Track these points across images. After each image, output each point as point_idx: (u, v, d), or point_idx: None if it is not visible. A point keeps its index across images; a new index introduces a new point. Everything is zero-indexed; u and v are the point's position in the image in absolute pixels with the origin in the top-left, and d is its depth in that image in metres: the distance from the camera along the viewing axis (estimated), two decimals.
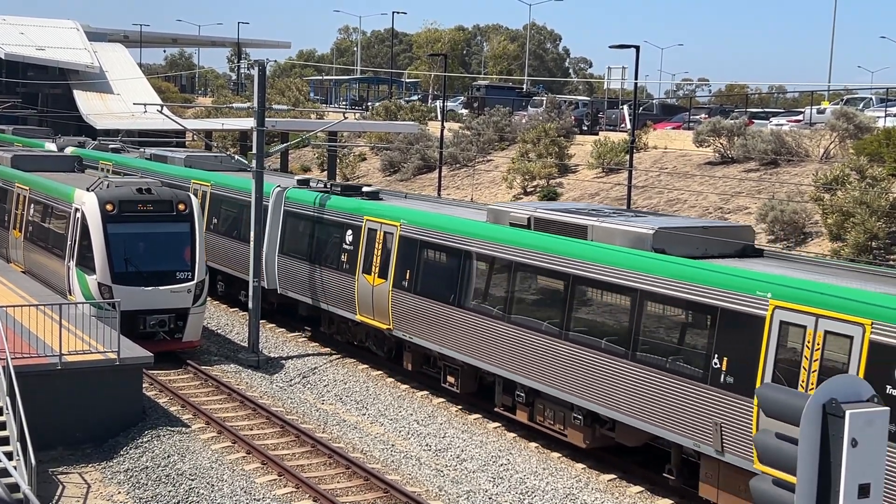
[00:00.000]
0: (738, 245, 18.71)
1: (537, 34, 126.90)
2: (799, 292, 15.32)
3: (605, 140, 47.07)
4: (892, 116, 41.84)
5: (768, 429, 15.17)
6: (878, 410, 7.30)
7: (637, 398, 17.70)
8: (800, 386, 15.09)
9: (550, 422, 20.30)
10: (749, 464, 15.53)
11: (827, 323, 14.80)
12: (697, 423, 16.60)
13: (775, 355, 15.46)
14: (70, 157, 35.98)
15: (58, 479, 18.07)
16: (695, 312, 16.99)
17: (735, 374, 15.98)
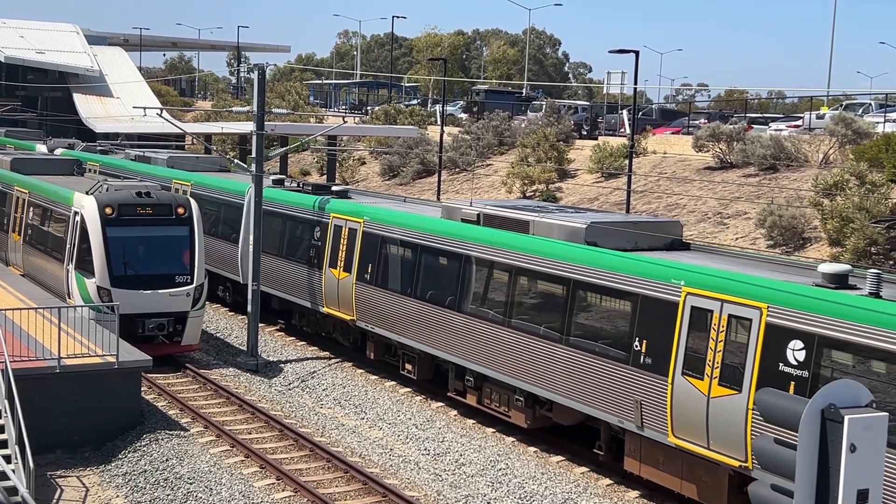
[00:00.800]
0: (668, 239, 19.95)
1: (537, 39, 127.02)
2: (707, 280, 16.73)
3: (605, 145, 47.09)
4: (892, 122, 41.89)
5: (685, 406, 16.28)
6: (877, 416, 7.31)
7: (571, 380, 19.09)
8: (706, 366, 16.44)
9: (496, 404, 21.60)
10: (664, 437, 17.09)
11: (730, 307, 16.20)
12: (621, 402, 17.97)
13: (687, 337, 16.86)
14: (69, 160, 35.98)
15: (56, 482, 18.06)
16: (620, 300, 18.32)
17: (653, 356, 17.39)
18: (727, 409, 16.04)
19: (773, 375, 15.47)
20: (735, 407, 15.94)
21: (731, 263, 18.00)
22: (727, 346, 16.21)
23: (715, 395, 16.29)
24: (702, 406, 16.48)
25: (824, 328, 14.95)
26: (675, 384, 16.95)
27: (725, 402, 16.09)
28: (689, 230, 36.08)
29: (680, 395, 16.85)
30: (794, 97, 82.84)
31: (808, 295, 15.34)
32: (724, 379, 16.17)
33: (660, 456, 17.65)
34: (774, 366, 15.44)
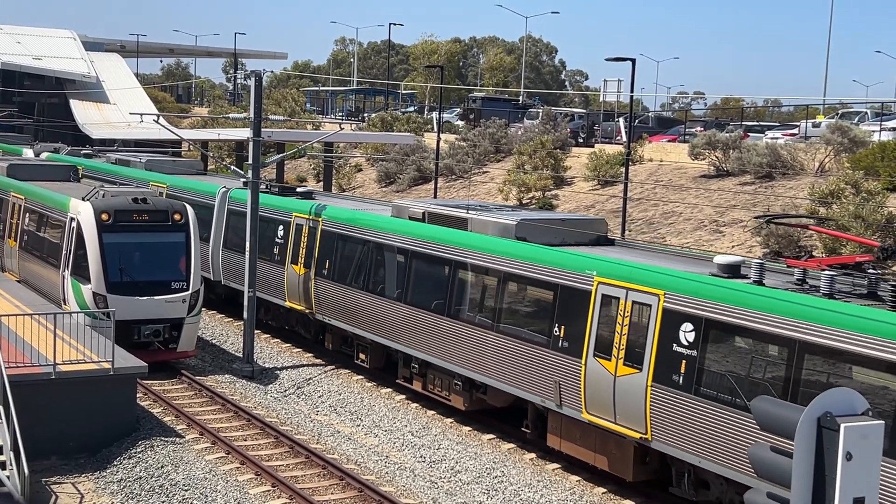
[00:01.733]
0: (593, 235, 21.80)
1: (533, 46, 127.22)
2: (615, 270, 18.41)
3: (601, 152, 47.14)
4: (887, 131, 41.96)
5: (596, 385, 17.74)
6: (873, 424, 7.31)
7: (502, 365, 20.70)
8: (614, 348, 18.00)
9: (438, 389, 23.16)
10: (579, 414, 18.75)
11: (634, 294, 17.82)
12: (544, 383, 19.61)
13: (598, 322, 18.47)
14: (66, 166, 35.98)
15: (51, 488, 18.01)
16: (542, 289, 19.95)
17: (570, 340, 19.02)
18: (631, 386, 17.64)
19: (669, 355, 17.03)
20: (637, 384, 17.50)
21: (643, 256, 19.78)
22: (631, 329, 17.79)
23: (621, 374, 17.86)
24: (610, 384, 18.07)
25: (710, 312, 16.50)
26: (588, 365, 18.51)
27: (629, 381, 17.67)
28: (686, 238, 36.10)
29: (592, 375, 18.40)
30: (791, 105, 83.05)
31: (698, 282, 16.96)
32: (629, 359, 17.73)
33: (577, 432, 19.34)
34: (669, 346, 17.02)
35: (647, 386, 17.28)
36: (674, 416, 16.87)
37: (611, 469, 18.81)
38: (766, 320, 15.70)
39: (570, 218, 23.89)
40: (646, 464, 18.36)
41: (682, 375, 16.72)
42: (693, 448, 16.67)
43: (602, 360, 18.25)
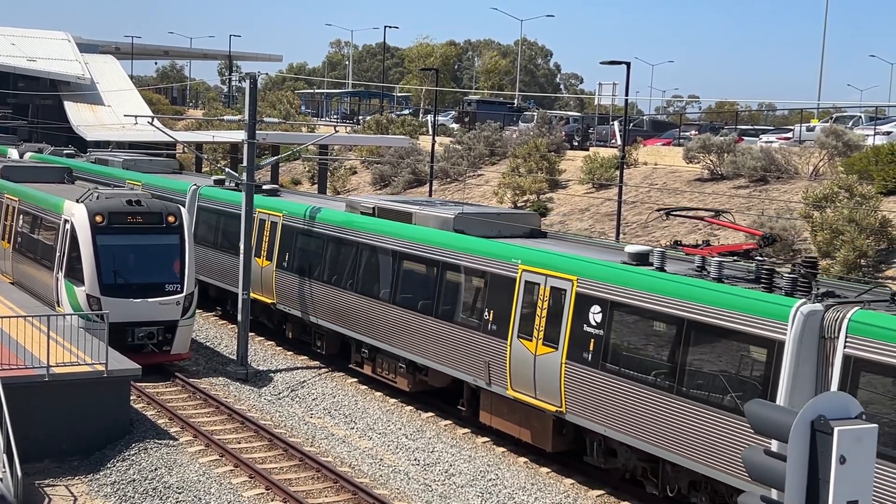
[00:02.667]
0: (527, 228, 23.41)
1: (528, 50, 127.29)
2: (537, 258, 20.08)
3: (596, 156, 47.18)
4: (881, 134, 42.04)
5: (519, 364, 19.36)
6: (867, 428, 7.32)
7: (440, 348, 22.29)
8: (536, 331, 19.59)
9: (386, 372, 24.66)
10: (505, 391, 20.41)
11: (552, 280, 19.47)
12: (476, 364, 21.23)
13: (522, 305, 20.08)
14: (60, 168, 35.94)
15: (44, 491, 17.97)
16: (474, 277, 21.58)
17: (497, 323, 20.63)
18: (548, 363, 19.29)
19: (580, 334, 18.72)
20: (553, 362, 19.15)
21: (568, 247, 21.42)
22: (549, 311, 19.46)
23: (540, 353, 19.53)
24: (530, 363, 19.74)
25: (615, 295, 18.24)
26: (513, 346, 20.19)
27: (547, 359, 19.32)
28: (681, 241, 36.11)
29: (515, 355, 20.10)
30: (785, 109, 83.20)
31: (606, 268, 18.69)
32: (547, 339, 19.39)
33: (504, 408, 20.93)
34: (581, 326, 18.72)
35: (562, 363, 18.97)
36: (584, 390, 18.61)
37: (533, 441, 20.37)
38: (660, 301, 17.38)
39: (505, 212, 26.13)
40: (563, 435, 19.94)
41: (591, 353, 18.46)
42: (601, 419, 18.36)
43: (524, 340, 19.92)
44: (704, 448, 16.47)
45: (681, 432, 16.85)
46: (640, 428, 17.53)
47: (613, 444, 18.68)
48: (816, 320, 15.27)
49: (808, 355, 15.31)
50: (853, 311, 15.05)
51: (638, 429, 17.58)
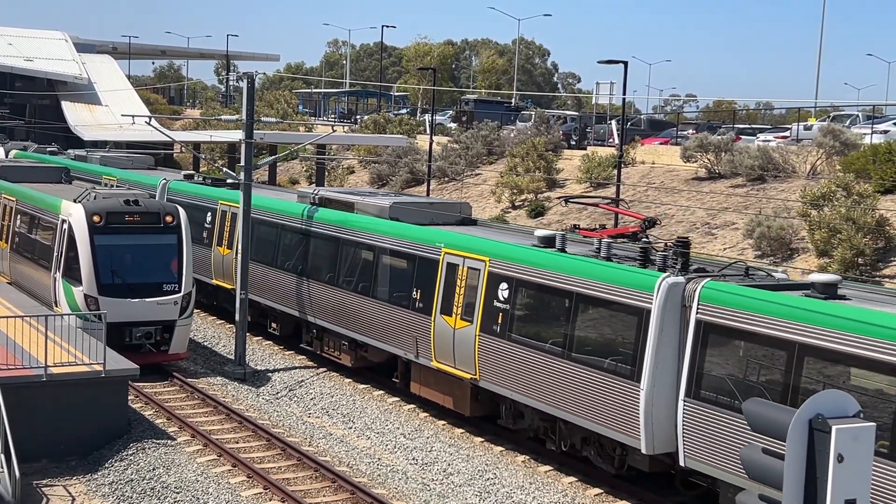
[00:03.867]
0: (458, 216, 25.50)
1: (526, 49, 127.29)
2: (457, 242, 22.19)
3: (593, 155, 47.16)
4: (879, 133, 42.06)
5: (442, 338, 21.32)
6: (865, 426, 7.32)
7: (377, 326, 24.28)
8: (455, 307, 21.69)
9: (332, 350, 26.61)
10: (430, 363, 22.41)
11: (469, 261, 21.56)
12: (407, 339, 23.20)
13: (444, 285, 22.15)
14: (58, 168, 35.96)
15: (42, 491, 17.96)
16: (405, 260, 23.52)
17: (423, 301, 22.62)
18: (465, 336, 21.36)
19: (491, 309, 20.79)
20: (469, 334, 21.24)
21: (489, 233, 23.51)
22: (466, 290, 21.53)
23: (458, 327, 21.59)
24: (451, 336, 21.77)
25: (518, 273, 20.31)
26: (436, 321, 22.17)
27: (464, 332, 21.41)
28: None
29: (438, 330, 22.10)
30: (782, 108, 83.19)
31: (513, 249, 20.78)
32: (464, 315, 21.46)
33: (430, 378, 22.92)
34: (492, 302, 20.79)
35: (476, 335, 21.10)
36: (494, 359, 20.68)
37: (455, 408, 22.49)
38: (554, 278, 19.49)
39: (437, 202, 28.81)
40: (479, 401, 21.92)
41: (500, 325, 20.53)
42: (509, 385, 20.45)
43: (446, 316, 21.98)
44: (591, 407, 18.49)
45: (571, 393, 18.91)
46: (539, 391, 19.63)
47: (521, 406, 20.77)
48: (678, 291, 17.18)
49: (672, 321, 17.21)
50: (705, 282, 17.02)
51: (538, 392, 19.67)
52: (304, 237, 27.30)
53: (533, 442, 21.07)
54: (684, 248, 18.30)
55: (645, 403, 17.34)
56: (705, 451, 16.59)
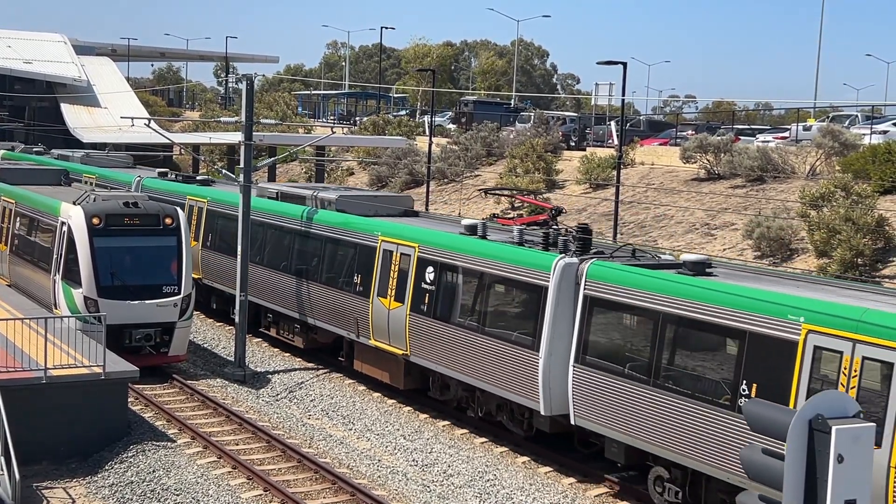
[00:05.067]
0: (401, 208, 27.47)
1: (525, 50, 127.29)
2: (391, 231, 24.38)
3: (593, 156, 47.18)
4: (878, 134, 42.08)
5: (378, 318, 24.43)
6: (865, 427, 7.33)
7: (325, 309, 26.32)
8: (389, 290, 23.75)
9: (286, 333, 28.49)
10: (369, 341, 24.49)
11: (401, 248, 23.75)
12: (350, 321, 25.27)
13: (380, 268, 24.20)
14: (57, 170, 35.96)
15: (42, 493, 17.96)
16: (348, 248, 25.65)
17: (363, 286, 24.76)
18: (398, 316, 23.47)
19: (419, 291, 22.95)
20: (401, 314, 23.40)
21: (426, 223, 25.48)
22: (399, 273, 23.61)
23: (392, 308, 23.68)
24: (386, 317, 23.84)
25: (442, 257, 22.50)
26: (374, 304, 24.25)
27: (397, 312, 23.53)
28: (677, 241, 36.15)
29: (375, 311, 24.22)
30: (782, 109, 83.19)
31: (438, 237, 23.01)
32: (397, 296, 23.61)
33: (370, 356, 24.94)
34: (420, 284, 22.94)
35: (407, 315, 23.19)
36: (422, 336, 22.80)
37: (391, 382, 24.47)
38: (471, 261, 21.75)
39: (382, 195, 31.08)
40: (411, 375, 23.89)
41: (427, 305, 22.65)
42: (434, 359, 22.61)
43: (382, 298, 23.99)
44: (501, 376, 20.64)
45: (486, 364, 21.06)
46: (461, 364, 21.85)
47: (446, 379, 22.87)
48: (572, 270, 19.41)
49: (566, 297, 19.40)
50: (592, 262, 19.16)
51: (459, 365, 21.89)
52: (263, 229, 29.08)
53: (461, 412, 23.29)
54: (584, 234, 20.43)
55: (543, 370, 19.51)
56: (591, 411, 18.80)
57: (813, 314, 15.30)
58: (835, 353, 14.97)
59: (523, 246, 21.04)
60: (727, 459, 16.12)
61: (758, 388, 15.82)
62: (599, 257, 19.58)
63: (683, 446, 16.90)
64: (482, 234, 22.44)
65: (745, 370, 16.00)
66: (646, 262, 19.32)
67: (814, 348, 15.22)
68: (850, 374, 14.74)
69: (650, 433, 17.52)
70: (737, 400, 16.00)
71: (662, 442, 17.31)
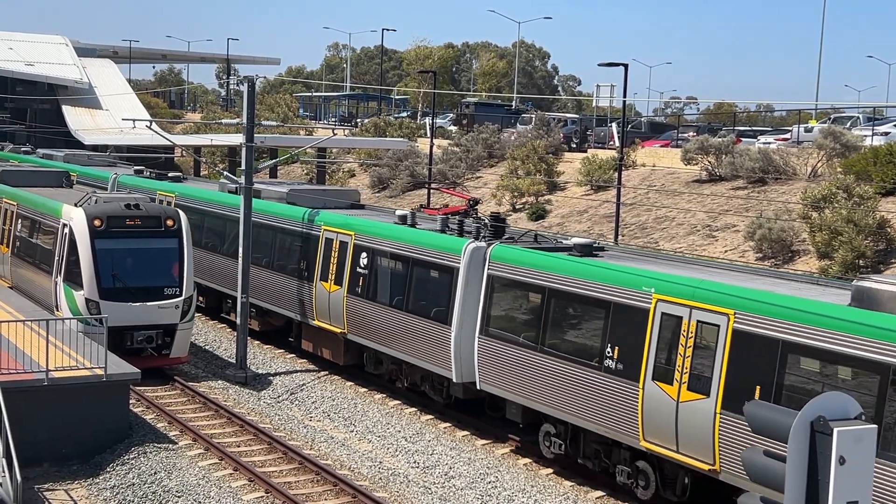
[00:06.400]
0: (348, 201, 29.71)
1: (526, 52, 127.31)
2: (332, 221, 26.71)
3: (594, 157, 47.17)
4: (879, 135, 42.04)
5: (320, 301, 27.34)
6: (866, 428, 7.32)
7: (276, 294, 28.60)
8: (330, 274, 26.15)
9: (254, 321, 29.57)
10: (313, 321, 26.80)
11: (341, 236, 26.09)
12: (297, 304, 27.58)
13: (323, 255, 26.49)
14: (58, 172, 35.98)
15: (44, 495, 17.97)
16: (295, 237, 27.93)
17: (308, 271, 27.02)
18: (337, 298, 25.85)
19: (356, 274, 25.28)
20: (340, 296, 25.70)
21: (366, 214, 27.89)
22: (338, 260, 25.95)
23: (332, 291, 26.02)
24: (327, 298, 26.24)
25: (373, 244, 24.98)
26: (317, 287, 26.62)
27: (336, 294, 25.87)
28: (679, 243, 36.15)
29: (318, 294, 26.58)
30: (783, 110, 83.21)
31: (371, 225, 25.41)
32: (336, 280, 25.88)
33: (315, 335, 27.30)
34: (356, 269, 25.27)
35: (344, 296, 25.56)
36: (358, 316, 25.13)
37: (332, 358, 26.76)
38: (397, 246, 24.19)
39: (331, 189, 35.17)
40: (349, 352, 26.19)
41: (361, 288, 25.09)
42: (368, 336, 24.95)
43: (324, 282, 26.37)
44: (423, 349, 23.00)
45: (410, 339, 23.39)
46: (389, 340, 24.19)
47: (379, 354, 25.11)
48: (480, 253, 21.77)
49: (475, 276, 21.78)
50: (494, 245, 21.54)
51: (389, 341, 24.20)
52: (223, 221, 31.28)
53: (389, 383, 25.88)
54: (497, 223, 22.96)
55: (454, 342, 21.98)
56: (493, 377, 21.13)
57: (661, 285, 17.60)
58: (677, 318, 17.19)
59: (444, 233, 23.43)
60: (597, 414, 18.46)
61: (619, 350, 18.11)
62: (502, 241, 21.90)
63: (565, 404, 19.24)
64: (411, 222, 24.81)
65: (610, 335, 18.29)
66: (544, 245, 21.58)
67: (661, 315, 17.46)
68: (688, 335, 16.96)
69: (540, 395, 19.82)
70: (603, 361, 18.35)
71: (549, 402, 19.62)
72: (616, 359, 18.08)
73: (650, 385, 17.38)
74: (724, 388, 16.17)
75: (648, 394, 17.39)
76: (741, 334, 16.14)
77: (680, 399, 16.90)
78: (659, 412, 17.20)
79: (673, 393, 17.03)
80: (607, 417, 18.19)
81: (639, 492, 18.28)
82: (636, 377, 17.61)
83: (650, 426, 17.39)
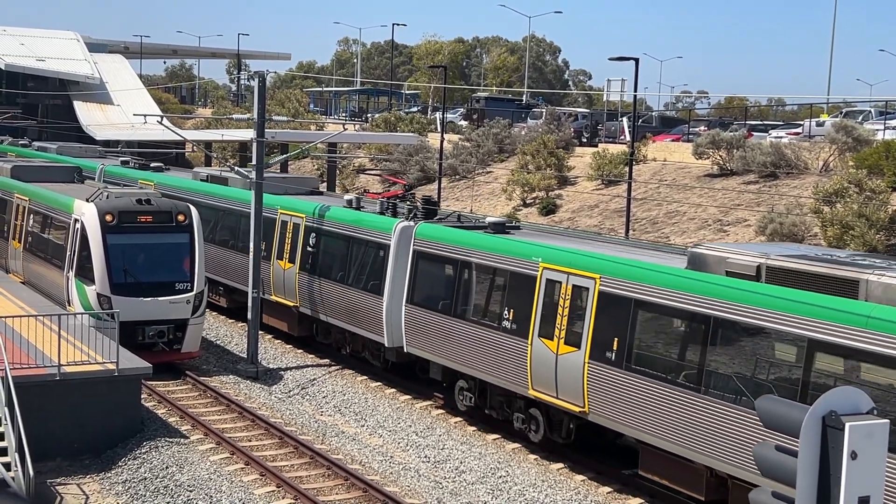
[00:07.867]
0: (309, 187, 32.45)
1: (537, 46, 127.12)
2: (287, 205, 29.31)
3: (605, 152, 47.09)
4: (892, 129, 41.87)
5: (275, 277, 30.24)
6: (878, 423, 7.30)
7: (241, 273, 29.93)
8: (285, 253, 28.76)
9: (215, 297, 32.49)
10: (269, 297, 29.13)
11: (294, 218, 28.75)
12: (264, 283, 28.77)
13: (279, 236, 29.10)
14: (70, 167, 36.07)
15: (56, 489, 18.03)
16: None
17: (267, 251, 28.85)
18: (290, 275, 28.39)
19: (306, 253, 27.74)
20: (292, 273, 28.28)
21: (321, 199, 29.86)
22: (291, 240, 28.58)
23: (286, 268, 28.58)
24: (282, 276, 28.79)
25: (320, 224, 27.57)
26: (273, 266, 29.08)
27: (289, 272, 28.42)
28: (690, 237, 36.06)
29: (274, 271, 29.10)
30: (794, 104, 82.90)
31: (320, 208, 27.77)
32: (290, 259, 28.46)
33: (273, 310, 29.57)
34: (307, 248, 27.77)
35: (297, 274, 28.14)
36: (308, 290, 27.75)
37: (288, 330, 29.31)
38: (340, 227, 26.85)
39: (292, 177, 38.49)
40: (302, 324, 28.80)
41: (309, 264, 27.65)
42: (317, 309, 27.53)
43: (280, 261, 28.88)
44: (361, 318, 25.62)
45: (352, 311, 25.99)
46: (335, 312, 26.77)
47: (328, 325, 27.55)
48: (409, 232, 24.24)
49: (403, 253, 24.28)
50: (420, 224, 24.14)
51: (334, 312, 26.79)
52: (208, 211, 32.56)
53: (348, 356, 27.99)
54: (429, 205, 25.68)
55: (386, 311, 24.55)
56: (417, 341, 23.71)
57: (547, 254, 20.30)
58: (558, 283, 19.87)
59: (384, 214, 25.81)
60: (498, 369, 21.13)
61: (514, 312, 20.78)
62: (428, 220, 24.40)
63: (474, 362, 21.83)
64: (357, 205, 27.51)
65: (508, 300, 21.05)
66: (465, 224, 24.02)
67: (546, 280, 20.15)
68: (565, 297, 19.63)
69: (454, 355, 22.49)
70: (501, 323, 21.06)
71: (462, 361, 22.25)
72: (511, 320, 20.83)
73: (537, 341, 20.12)
74: (592, 341, 18.85)
75: (535, 349, 20.12)
76: (605, 295, 18.79)
77: (559, 352, 19.60)
78: (543, 364, 19.91)
79: (553, 347, 19.73)
80: (505, 371, 20.94)
81: (531, 435, 20.98)
82: (526, 335, 20.38)
83: (537, 377, 20.08)
